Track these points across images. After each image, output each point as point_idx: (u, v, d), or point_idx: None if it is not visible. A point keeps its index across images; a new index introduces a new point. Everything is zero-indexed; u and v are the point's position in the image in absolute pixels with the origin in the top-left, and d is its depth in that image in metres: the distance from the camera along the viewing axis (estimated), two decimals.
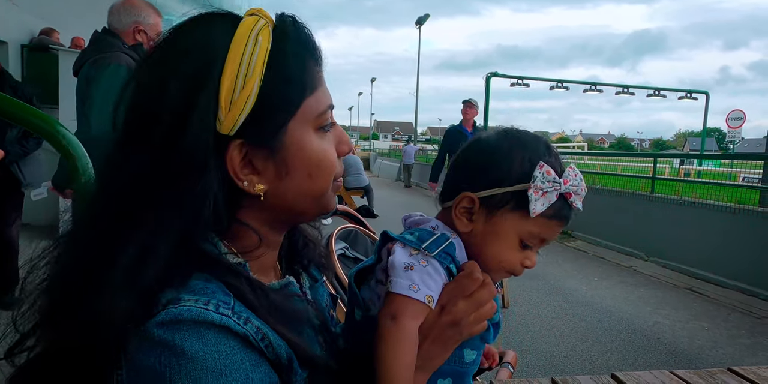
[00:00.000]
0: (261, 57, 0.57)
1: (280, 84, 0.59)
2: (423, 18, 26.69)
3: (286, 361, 0.58)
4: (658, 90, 20.88)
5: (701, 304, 4.89)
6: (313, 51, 0.63)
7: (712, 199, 6.13)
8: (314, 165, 0.63)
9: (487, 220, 0.72)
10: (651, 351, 3.71)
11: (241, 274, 0.58)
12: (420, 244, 0.69)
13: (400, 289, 0.66)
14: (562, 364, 3.42)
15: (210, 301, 0.53)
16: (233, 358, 0.52)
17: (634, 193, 7.42)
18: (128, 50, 2.45)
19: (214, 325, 0.52)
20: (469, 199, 0.72)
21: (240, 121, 0.57)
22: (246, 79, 0.57)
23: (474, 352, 0.74)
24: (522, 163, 0.71)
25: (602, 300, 4.91)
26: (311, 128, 0.63)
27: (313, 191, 0.65)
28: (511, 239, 0.72)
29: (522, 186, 0.69)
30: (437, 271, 0.68)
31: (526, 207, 0.69)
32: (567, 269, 6.15)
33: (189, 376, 0.50)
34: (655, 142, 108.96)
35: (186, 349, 0.50)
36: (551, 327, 4.14)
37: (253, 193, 0.60)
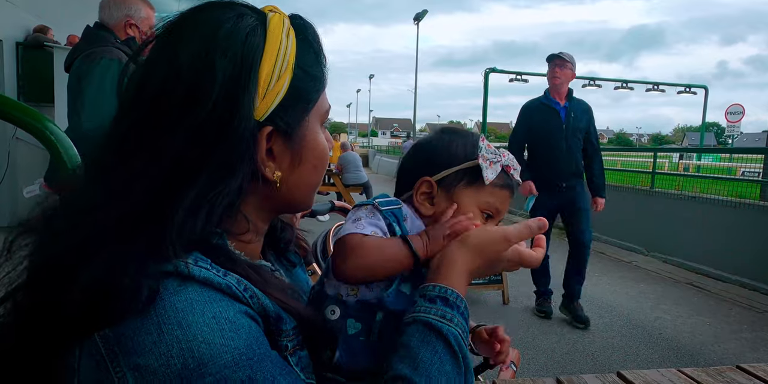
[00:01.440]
0: (293, 53, 0.62)
1: (306, 79, 0.64)
2: (421, 14, 26.59)
3: (273, 313, 0.58)
4: (657, 85, 20.86)
5: (702, 299, 4.88)
6: (322, 51, 0.69)
7: (712, 193, 6.10)
8: (319, 157, 0.68)
9: (447, 200, 0.78)
10: (653, 346, 3.69)
11: (219, 246, 0.59)
12: (372, 201, 0.76)
13: (346, 231, 0.71)
14: (563, 360, 3.40)
15: (189, 258, 0.54)
16: (215, 295, 0.53)
17: (634, 187, 7.39)
18: (120, 45, 2.41)
19: (194, 278, 0.52)
20: (427, 183, 0.79)
21: (271, 109, 0.61)
22: (281, 72, 0.61)
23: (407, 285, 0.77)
24: (465, 146, 0.80)
25: (603, 295, 4.89)
26: (319, 123, 0.69)
27: (314, 184, 0.70)
28: (474, 213, 0.78)
29: (471, 162, 0.78)
30: (380, 221, 0.73)
31: (478, 180, 0.78)
32: None
33: (174, 307, 0.50)
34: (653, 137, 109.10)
35: (168, 286, 0.51)
36: (551, 323, 4.11)
37: (272, 180, 0.63)
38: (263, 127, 0.60)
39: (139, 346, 0.48)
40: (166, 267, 0.52)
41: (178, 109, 0.56)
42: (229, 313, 0.52)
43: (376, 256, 0.69)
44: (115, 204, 0.53)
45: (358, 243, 0.70)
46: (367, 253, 0.69)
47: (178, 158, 0.55)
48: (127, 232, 0.52)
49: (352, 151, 10.28)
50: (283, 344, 0.59)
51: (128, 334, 0.48)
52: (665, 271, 5.87)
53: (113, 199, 0.54)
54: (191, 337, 0.48)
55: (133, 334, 0.48)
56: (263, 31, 0.61)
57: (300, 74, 0.63)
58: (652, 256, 6.50)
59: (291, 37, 0.63)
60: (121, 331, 0.49)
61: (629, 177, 7.96)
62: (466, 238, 0.71)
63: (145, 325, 0.48)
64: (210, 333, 0.49)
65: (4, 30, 6.17)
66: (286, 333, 0.59)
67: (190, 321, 0.49)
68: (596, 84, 20.56)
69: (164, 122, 0.56)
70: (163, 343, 0.48)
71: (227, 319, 0.51)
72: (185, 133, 0.55)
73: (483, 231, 0.73)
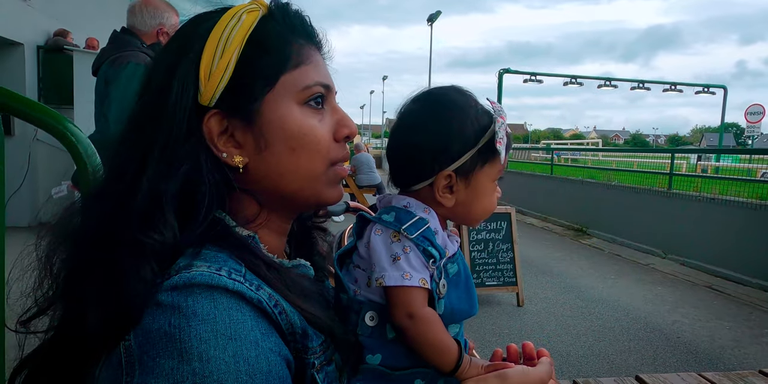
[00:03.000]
0: (241, 32, 0.61)
1: (259, 57, 0.61)
2: (434, 15, 26.52)
3: (300, 329, 0.58)
4: (675, 85, 20.56)
5: (722, 303, 4.79)
6: (302, 32, 0.66)
7: (731, 195, 5.99)
8: (295, 138, 0.63)
9: (467, 187, 0.76)
10: (671, 351, 3.63)
11: (250, 247, 0.60)
12: (399, 226, 0.72)
13: (395, 281, 0.69)
14: (579, 364, 3.36)
15: (222, 268, 0.54)
16: (244, 325, 0.52)
17: (651, 189, 7.29)
18: (146, 49, 2.45)
19: (227, 290, 0.52)
20: (446, 176, 0.75)
21: (218, 91, 0.60)
22: (224, 50, 0.60)
23: (457, 326, 0.77)
24: (472, 124, 0.75)
25: (619, 298, 4.83)
26: (294, 102, 0.63)
27: (301, 170, 0.64)
28: (490, 187, 0.79)
29: (482, 139, 0.75)
30: (418, 256, 0.71)
31: (492, 157, 0.75)
32: (583, 267, 6.07)
33: (199, 337, 0.49)
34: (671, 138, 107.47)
35: (198, 311, 0.50)
36: (567, 326, 4.07)
37: (233, 165, 0.61)
38: (208, 112, 0.60)
39: (158, 368, 0.48)
40: (192, 276, 0.51)
41: (137, 106, 0.62)
42: (251, 353, 0.51)
43: (432, 341, 0.69)
44: (105, 203, 0.57)
45: (428, 317, 0.69)
46: (427, 332, 0.69)
47: (139, 150, 0.59)
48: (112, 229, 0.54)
49: (365, 152, 10.29)
50: (310, 362, 0.59)
51: (152, 354, 0.49)
52: (683, 274, 5.78)
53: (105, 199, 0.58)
54: (207, 373, 0.48)
55: (156, 355, 0.49)
56: (215, 22, 0.61)
57: (254, 52, 0.61)
58: (669, 258, 6.40)
59: (244, 19, 0.61)
60: (146, 349, 0.49)
61: (646, 178, 7.85)
62: (506, 376, 0.69)
63: (169, 349, 0.48)
64: (225, 373, 0.49)
65: (25, 34, 6.29)
66: (313, 350, 0.59)
67: (210, 356, 0.49)
68: (612, 84, 20.33)
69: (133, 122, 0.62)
70: (179, 371, 0.48)
71: (246, 361, 0.50)
72: (136, 126, 0.61)
73: (522, 372, 0.70)
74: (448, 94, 0.78)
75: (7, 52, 6.30)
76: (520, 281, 4.55)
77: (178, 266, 0.53)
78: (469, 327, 3.93)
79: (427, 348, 0.69)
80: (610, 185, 8.27)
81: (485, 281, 4.49)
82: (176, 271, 0.52)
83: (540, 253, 6.65)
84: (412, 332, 0.69)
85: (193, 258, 0.55)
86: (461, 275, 0.76)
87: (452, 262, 0.75)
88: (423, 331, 0.69)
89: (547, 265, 6.07)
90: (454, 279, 0.75)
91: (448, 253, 0.75)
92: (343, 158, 0.68)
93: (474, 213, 0.79)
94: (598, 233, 7.91)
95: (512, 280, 4.54)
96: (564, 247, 7.26)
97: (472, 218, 0.80)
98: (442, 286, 0.72)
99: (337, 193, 0.69)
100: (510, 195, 11.19)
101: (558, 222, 9.12)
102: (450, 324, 0.74)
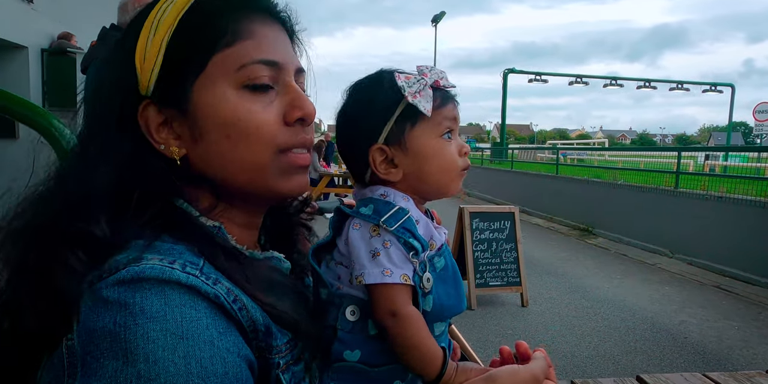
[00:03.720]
0: (173, 12, 0.56)
1: (189, 38, 0.57)
2: (439, 16, 26.50)
3: (263, 326, 0.54)
4: (681, 83, 20.42)
5: (730, 302, 4.72)
6: (249, 5, 0.60)
7: (740, 193, 5.92)
8: (230, 125, 0.57)
9: (406, 153, 0.73)
10: (678, 351, 3.58)
11: (212, 236, 0.57)
12: (378, 218, 0.68)
13: (375, 279, 0.66)
14: (584, 364, 3.32)
15: (176, 261, 0.50)
16: (198, 323, 0.48)
17: (658, 188, 7.22)
18: None
19: (180, 284, 0.48)
20: (377, 150, 0.73)
21: (153, 79, 0.56)
22: (155, 34, 0.56)
23: (443, 324, 0.74)
24: (385, 93, 0.72)
25: (625, 298, 4.77)
26: (229, 85, 0.57)
27: (243, 159, 0.58)
28: (436, 145, 0.74)
29: (401, 104, 0.71)
30: (399, 249, 0.67)
31: (420, 115, 0.72)
32: (588, 267, 6.01)
33: (146, 336, 0.45)
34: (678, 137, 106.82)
35: (146, 308, 0.46)
36: (572, 326, 4.02)
37: (170, 157, 0.58)
38: (142, 102, 0.57)
39: (102, 370, 0.44)
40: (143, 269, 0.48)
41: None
42: (204, 354, 0.47)
43: (414, 343, 0.66)
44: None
45: (411, 317, 0.66)
46: (411, 332, 0.66)
47: (82, 143, 0.59)
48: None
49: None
50: (274, 362, 0.55)
51: (96, 354, 0.45)
52: (690, 274, 5.71)
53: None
54: (153, 375, 0.44)
55: (100, 356, 0.45)
56: (154, 5, 0.59)
57: (184, 34, 0.57)
58: (676, 258, 6.33)
59: (174, 1, 0.57)
60: (89, 350, 0.45)
61: (652, 178, 7.78)
62: (494, 378, 0.66)
63: (114, 349, 0.45)
64: (174, 376, 0.45)
65: (29, 37, 6.32)
66: (278, 349, 0.55)
67: (158, 357, 0.45)
68: (618, 84, 20.23)
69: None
70: (123, 374, 0.44)
71: (199, 362, 0.46)
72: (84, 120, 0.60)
73: (512, 372, 0.67)
74: (361, 79, 0.77)
75: (12, 55, 6.33)
76: (524, 281, 4.51)
77: (126, 259, 0.49)
78: (472, 328, 3.89)
79: (410, 351, 0.66)
80: (616, 184, 8.21)
81: (489, 281, 4.44)
82: (124, 265, 0.48)
83: (545, 253, 6.59)
84: (394, 332, 0.66)
85: (144, 250, 0.51)
86: (449, 270, 0.72)
87: (439, 256, 0.71)
88: (406, 331, 0.66)
89: (552, 265, 6.01)
90: (442, 274, 0.71)
91: (434, 244, 0.71)
92: (298, 144, 0.61)
93: (433, 176, 0.74)
94: (604, 233, 7.84)
95: (516, 281, 4.49)
96: (569, 247, 7.19)
97: (437, 182, 0.75)
98: (426, 280, 0.68)
99: (294, 184, 0.62)
100: (515, 195, 11.14)
101: (563, 222, 9.05)
102: (437, 321, 0.71)
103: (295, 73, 0.63)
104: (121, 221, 0.53)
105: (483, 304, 4.42)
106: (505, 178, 13.00)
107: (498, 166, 14.96)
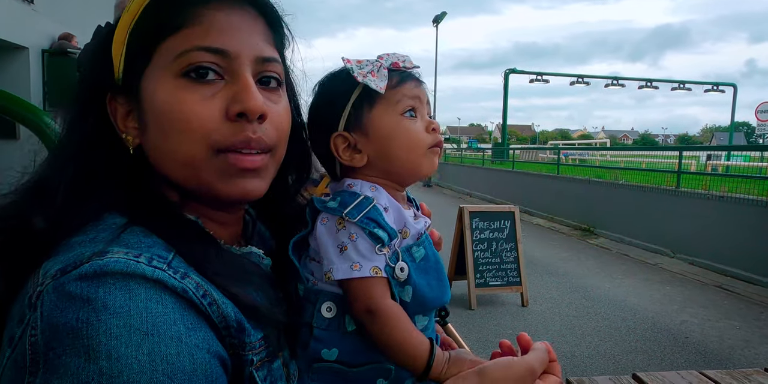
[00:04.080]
0: (137, 2, 0.56)
1: (143, 26, 0.56)
2: (440, 16, 26.50)
3: (234, 322, 0.52)
4: (683, 83, 20.38)
5: (731, 302, 4.70)
6: None
7: (742, 193, 5.89)
8: (163, 116, 0.54)
9: (368, 137, 0.72)
10: (679, 351, 3.56)
11: (186, 227, 0.56)
12: (342, 210, 0.66)
13: (344, 274, 0.64)
14: (584, 364, 3.30)
15: (142, 254, 0.49)
16: (164, 318, 0.46)
17: (659, 188, 7.20)
18: None
19: (146, 278, 0.47)
20: (339, 137, 0.72)
21: (121, 68, 0.57)
22: (120, 25, 0.57)
23: (426, 318, 0.72)
24: (341, 84, 0.72)
25: (626, 298, 4.76)
26: (169, 74, 0.55)
27: (176, 154, 0.55)
28: (398, 124, 0.72)
29: (356, 89, 0.71)
30: (366, 241, 0.66)
31: (375, 96, 0.71)
32: (589, 267, 5.99)
33: (109, 333, 0.43)
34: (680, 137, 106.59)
35: (109, 304, 0.44)
36: (573, 326, 4.01)
37: (125, 146, 0.58)
38: (110, 91, 0.58)
39: (63, 367, 0.43)
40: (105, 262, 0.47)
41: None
42: (171, 350, 0.45)
43: (396, 338, 0.64)
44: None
45: (389, 311, 0.64)
46: (390, 328, 0.64)
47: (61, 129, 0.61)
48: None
49: None
50: (247, 359, 0.53)
51: (58, 351, 0.43)
52: (692, 274, 5.69)
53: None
54: (116, 372, 0.43)
55: (62, 352, 0.43)
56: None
57: (141, 23, 0.56)
58: (677, 257, 6.31)
59: None
60: (52, 346, 0.44)
61: (654, 177, 7.76)
62: (486, 371, 0.61)
63: (76, 346, 0.43)
64: (138, 373, 0.43)
65: (30, 38, 6.34)
66: (251, 346, 0.54)
67: (121, 354, 0.43)
68: (620, 84, 20.19)
69: None
70: (85, 371, 0.43)
71: (165, 359, 0.45)
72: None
73: (505, 364, 0.63)
74: (327, 74, 0.76)
75: (12, 56, 6.35)
76: (524, 281, 4.49)
77: (91, 252, 0.47)
78: (472, 328, 3.88)
79: (393, 346, 0.64)
80: (618, 184, 8.18)
81: (489, 281, 4.43)
82: (88, 258, 0.47)
83: (546, 253, 6.57)
84: (373, 328, 0.64)
85: (110, 243, 0.49)
86: (430, 260, 0.70)
87: (417, 245, 0.69)
88: (385, 327, 0.64)
89: (553, 265, 5.99)
90: (422, 264, 0.69)
91: (407, 232, 0.69)
92: (239, 143, 0.56)
93: (399, 155, 0.72)
94: (605, 233, 7.82)
95: (516, 280, 4.48)
96: (571, 247, 7.18)
97: (405, 162, 0.72)
98: (400, 269, 0.66)
99: (235, 189, 0.57)
100: (516, 195, 11.12)
101: (565, 222, 9.03)
102: (418, 314, 0.69)
103: (257, 63, 0.58)
104: (78, 204, 0.53)
105: (483, 303, 4.40)
106: (507, 178, 12.98)
107: (499, 167, 14.93)
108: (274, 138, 0.59)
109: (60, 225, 0.51)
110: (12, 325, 0.47)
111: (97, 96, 0.58)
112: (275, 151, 0.60)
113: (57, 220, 0.52)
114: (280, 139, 0.60)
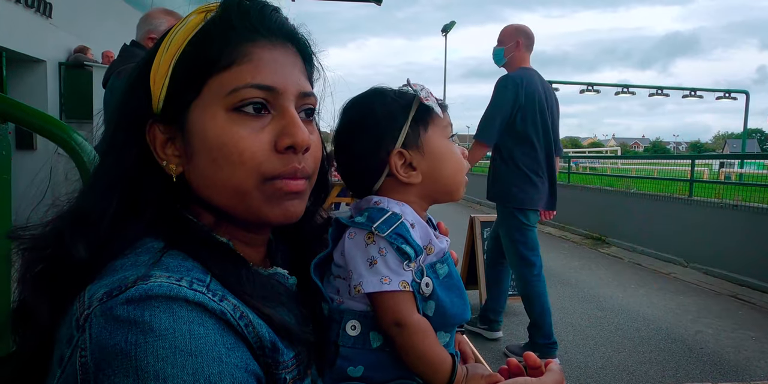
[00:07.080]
0: (182, 35, 0.59)
1: (191, 60, 0.59)
2: (449, 25, 26.64)
3: (269, 343, 0.55)
4: (695, 90, 20.24)
5: (747, 312, 4.63)
6: (254, 27, 0.60)
7: (755, 201, 5.83)
8: (215, 149, 0.58)
9: (423, 155, 0.75)
10: (693, 362, 3.51)
11: (220, 250, 0.58)
12: (370, 225, 0.69)
13: (374, 287, 0.66)
14: (597, 375, 3.27)
15: (183, 278, 0.52)
16: (206, 339, 0.49)
17: (672, 196, 7.14)
18: None
19: (188, 301, 0.50)
20: (397, 154, 0.74)
21: (162, 98, 0.59)
22: (164, 57, 0.59)
23: (447, 335, 0.74)
24: (396, 101, 0.75)
25: (639, 308, 4.71)
26: (221, 108, 0.58)
27: (226, 183, 0.58)
28: (449, 146, 0.78)
29: (413, 108, 0.75)
30: (395, 256, 0.68)
31: (430, 119, 0.76)
32: (601, 276, 5.94)
33: (156, 354, 0.46)
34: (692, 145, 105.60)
35: (155, 326, 0.47)
36: (585, 336, 3.97)
37: (168, 174, 0.61)
38: (151, 119, 0.61)
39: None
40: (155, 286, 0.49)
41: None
42: (213, 370, 0.47)
43: (422, 352, 0.67)
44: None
45: (418, 326, 0.66)
46: (417, 341, 0.66)
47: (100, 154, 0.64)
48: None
49: None
50: (281, 377, 0.56)
51: (108, 372, 0.46)
52: (706, 283, 5.61)
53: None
54: None
55: (111, 373, 0.46)
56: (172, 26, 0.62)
57: (189, 56, 0.59)
58: (691, 267, 6.24)
59: (188, 22, 0.60)
60: (102, 367, 0.46)
61: (666, 186, 7.70)
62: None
63: (124, 367, 0.46)
64: None
65: (47, 51, 6.48)
66: (284, 365, 0.56)
67: (168, 374, 0.46)
68: (630, 91, 20.09)
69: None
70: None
71: (208, 379, 0.47)
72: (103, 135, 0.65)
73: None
74: (363, 93, 0.79)
75: (31, 69, 6.49)
76: None
77: (135, 276, 0.50)
78: (483, 338, 3.86)
79: (418, 360, 0.66)
80: (629, 193, 8.13)
81: None
82: (133, 283, 0.49)
83: (558, 262, 6.53)
84: (400, 341, 0.66)
85: (152, 267, 0.52)
86: (453, 277, 0.73)
87: (441, 262, 0.72)
88: (412, 340, 0.66)
89: (564, 274, 5.95)
90: (446, 281, 0.71)
91: (432, 248, 0.71)
92: (287, 174, 0.60)
93: (448, 176, 0.77)
94: (617, 242, 7.75)
95: None
96: (582, 256, 7.12)
97: (451, 183, 0.78)
98: (425, 285, 0.68)
99: (281, 211, 0.61)
100: None
101: (576, 231, 8.97)
102: (440, 330, 0.71)
103: (299, 98, 0.62)
104: (121, 228, 0.56)
105: None
106: None
107: None
108: (312, 166, 0.64)
109: (102, 250, 0.54)
110: (61, 346, 0.50)
111: (138, 124, 0.60)
112: (312, 177, 0.65)
113: (100, 247, 0.54)
114: (316, 166, 0.65)
